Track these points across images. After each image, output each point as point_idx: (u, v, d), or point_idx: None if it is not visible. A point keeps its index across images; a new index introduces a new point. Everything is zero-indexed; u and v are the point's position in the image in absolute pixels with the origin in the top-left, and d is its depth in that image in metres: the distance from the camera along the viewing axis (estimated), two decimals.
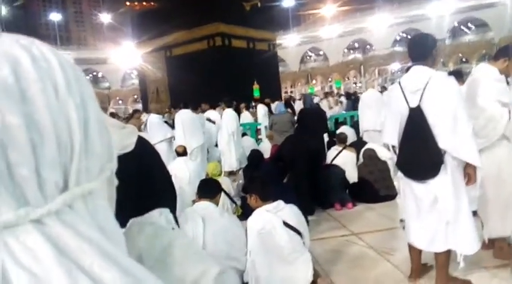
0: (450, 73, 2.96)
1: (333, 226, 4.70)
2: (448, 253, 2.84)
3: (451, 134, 2.64)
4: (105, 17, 53.06)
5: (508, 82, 3.18)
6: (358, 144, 6.55)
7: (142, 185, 1.41)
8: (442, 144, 2.67)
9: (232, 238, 3.14)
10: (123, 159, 1.40)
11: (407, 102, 2.76)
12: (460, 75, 3.84)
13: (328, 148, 6.54)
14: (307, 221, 4.56)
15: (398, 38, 41.47)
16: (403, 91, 2.80)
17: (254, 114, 12.28)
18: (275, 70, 19.91)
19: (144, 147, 1.46)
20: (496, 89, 3.10)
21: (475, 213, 3.04)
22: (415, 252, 3.07)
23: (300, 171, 5.14)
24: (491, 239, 3.32)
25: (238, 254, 3.03)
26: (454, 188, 2.72)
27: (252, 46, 17.79)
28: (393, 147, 2.96)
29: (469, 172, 2.74)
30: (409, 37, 40.56)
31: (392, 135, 2.90)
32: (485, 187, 3.22)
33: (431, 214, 2.81)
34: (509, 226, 3.24)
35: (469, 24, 37.61)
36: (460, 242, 2.76)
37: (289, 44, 43.98)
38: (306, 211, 4.24)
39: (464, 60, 27.84)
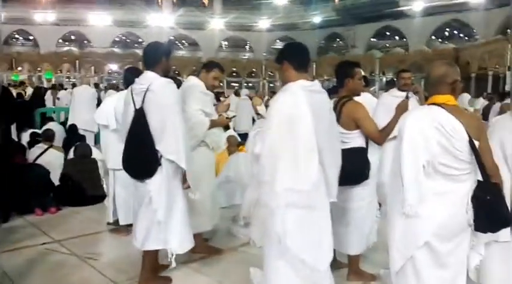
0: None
1: (31, 234, 4.17)
2: (157, 252, 2.98)
3: (164, 136, 2.81)
4: None
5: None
6: (69, 142, 6.08)
7: None
8: (157, 145, 2.81)
9: None
10: None
11: (134, 103, 2.88)
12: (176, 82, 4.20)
13: (32, 146, 5.80)
14: None
15: (117, 39, 41.48)
16: (132, 94, 2.93)
17: None
18: None
19: None
20: (201, 100, 3.45)
21: None
22: None
23: None
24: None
25: None
26: (168, 188, 2.88)
27: None
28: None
29: (185, 175, 2.94)
30: (125, 39, 41.43)
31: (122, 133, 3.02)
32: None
33: (147, 213, 2.90)
34: (202, 223, 3.58)
35: (183, 41, 41.57)
36: (171, 241, 2.92)
37: None
38: None
39: (176, 72, 30.52)
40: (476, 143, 2.10)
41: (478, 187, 2.13)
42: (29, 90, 13.40)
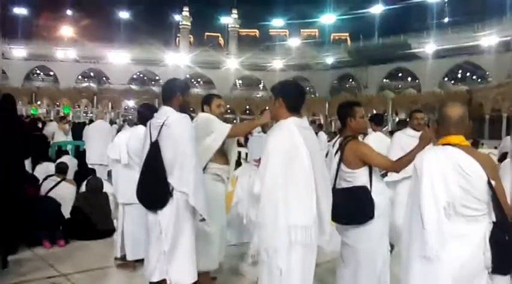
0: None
1: (38, 267, 4.11)
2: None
3: (176, 169, 2.84)
4: None
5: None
6: (82, 176, 6.12)
7: None
8: (170, 177, 2.84)
9: None
10: None
11: (151, 137, 2.95)
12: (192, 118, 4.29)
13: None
14: (6, 262, 3.85)
15: (135, 76, 42.56)
16: (150, 128, 3.00)
17: None
18: None
19: None
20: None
21: None
22: None
23: None
24: (199, 272, 3.56)
25: None
26: (177, 220, 2.87)
27: None
28: None
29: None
30: (142, 77, 42.41)
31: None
32: None
33: (156, 244, 2.89)
34: (211, 261, 3.53)
35: (199, 79, 42.51)
36: (174, 272, 2.87)
37: (13, 55, 38.71)
38: (6, 250, 3.57)
39: (191, 109, 31.10)
40: (492, 183, 2.07)
41: (495, 228, 2.08)
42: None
